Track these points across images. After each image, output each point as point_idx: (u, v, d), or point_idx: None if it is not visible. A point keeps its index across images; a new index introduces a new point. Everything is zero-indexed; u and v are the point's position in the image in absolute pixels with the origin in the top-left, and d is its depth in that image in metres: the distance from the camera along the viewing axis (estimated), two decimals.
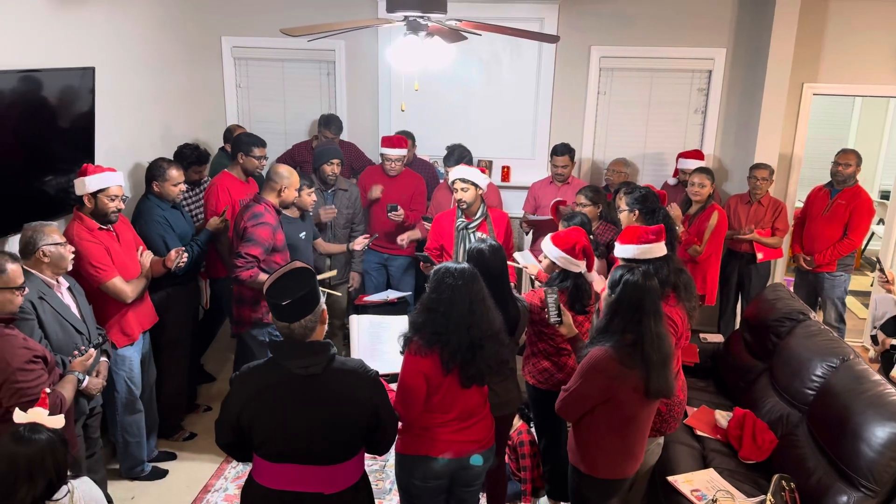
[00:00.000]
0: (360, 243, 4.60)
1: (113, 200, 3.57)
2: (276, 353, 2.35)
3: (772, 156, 5.54)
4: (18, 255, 2.84)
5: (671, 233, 3.44)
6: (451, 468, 2.77)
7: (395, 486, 2.96)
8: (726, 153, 5.90)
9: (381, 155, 5.10)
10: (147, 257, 3.77)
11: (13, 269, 2.71)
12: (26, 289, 2.80)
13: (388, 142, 5.05)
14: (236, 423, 2.31)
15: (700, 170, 5.00)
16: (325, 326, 2.42)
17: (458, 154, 4.95)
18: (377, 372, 2.45)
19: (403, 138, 5.14)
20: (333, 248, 4.65)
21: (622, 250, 3.22)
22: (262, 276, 3.77)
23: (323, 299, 2.39)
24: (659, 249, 3.17)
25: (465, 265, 2.71)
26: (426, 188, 5.35)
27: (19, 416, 2.30)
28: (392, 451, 2.70)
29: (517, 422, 3.80)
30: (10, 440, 2.20)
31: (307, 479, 2.33)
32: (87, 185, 3.51)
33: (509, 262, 3.46)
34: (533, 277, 3.86)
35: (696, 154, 5.54)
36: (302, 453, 2.32)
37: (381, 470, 4.10)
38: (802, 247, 5.47)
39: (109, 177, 3.57)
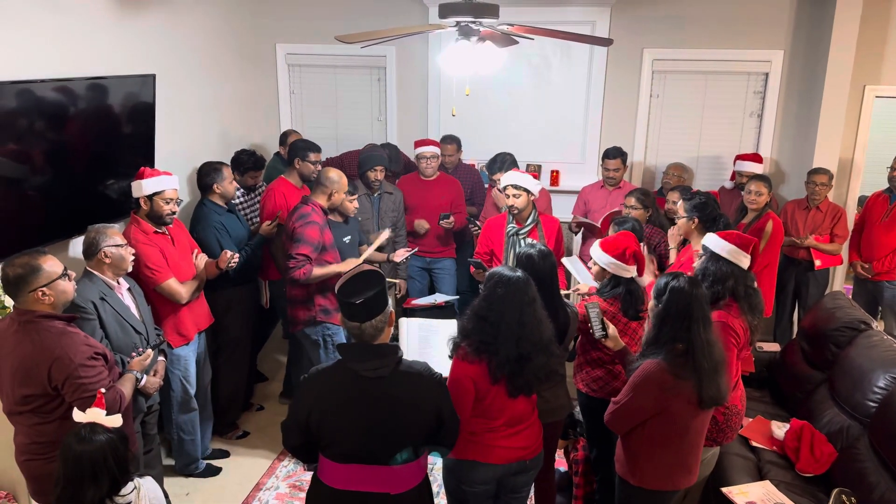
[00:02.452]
0: (400, 255, 4.63)
1: (168, 203, 3.65)
2: (344, 355, 2.38)
3: (831, 160, 5.38)
4: (45, 250, 2.84)
5: None
6: (500, 474, 2.76)
7: (443, 490, 2.96)
8: (783, 157, 5.76)
9: (416, 157, 5.17)
10: (202, 260, 3.86)
11: (46, 262, 2.69)
12: (72, 273, 2.82)
13: (421, 141, 5.17)
14: (305, 424, 2.34)
15: (757, 177, 4.86)
16: (392, 329, 2.44)
17: (499, 160, 4.94)
18: (441, 375, 2.47)
19: (436, 143, 5.23)
20: (377, 256, 4.70)
21: (713, 240, 3.17)
22: (317, 270, 3.85)
23: (391, 302, 2.42)
24: (742, 259, 3.12)
25: (519, 273, 2.69)
26: (469, 192, 5.40)
27: (78, 416, 2.39)
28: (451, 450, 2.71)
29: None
30: (74, 441, 2.27)
31: (373, 479, 2.36)
32: (143, 187, 3.61)
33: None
34: (582, 294, 3.80)
35: (755, 157, 5.41)
36: (368, 454, 2.35)
37: (429, 473, 4.10)
38: (860, 254, 5.30)
39: (165, 180, 3.66)
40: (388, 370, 2.33)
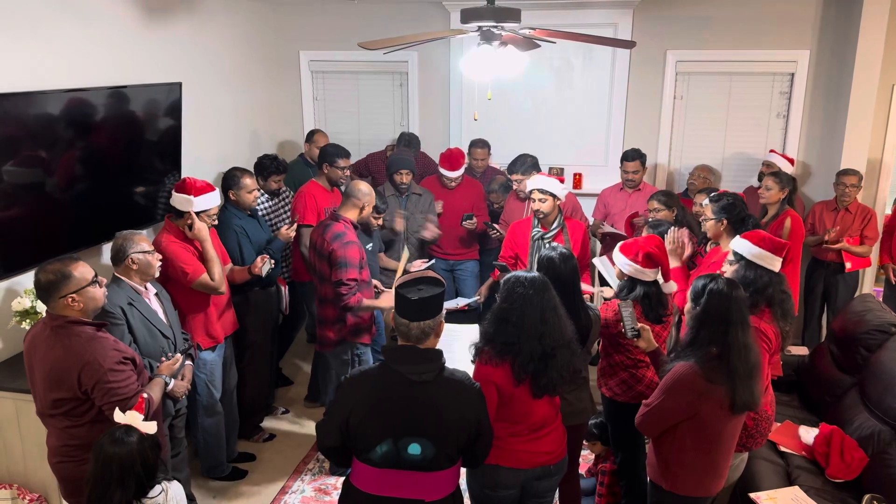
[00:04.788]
0: (416, 266, 4.64)
1: (211, 218, 3.72)
2: (389, 357, 2.37)
3: (859, 161, 5.31)
4: (77, 256, 2.89)
5: None
6: (523, 478, 2.75)
7: (467, 494, 2.96)
8: (811, 158, 5.68)
9: (440, 175, 5.18)
10: (201, 225, 3.76)
11: (77, 269, 2.73)
12: (103, 279, 2.86)
13: (447, 163, 5.11)
14: (345, 425, 2.32)
15: (773, 173, 4.80)
16: (438, 340, 2.43)
17: (519, 162, 4.91)
18: (479, 385, 2.46)
19: (461, 158, 5.17)
20: (393, 264, 4.71)
21: (741, 244, 3.15)
22: (367, 301, 3.83)
23: (443, 313, 2.43)
24: (775, 263, 3.09)
25: (536, 274, 2.69)
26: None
27: (119, 416, 2.42)
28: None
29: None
30: (108, 441, 2.31)
31: (409, 485, 2.34)
32: (195, 204, 3.61)
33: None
34: (607, 298, 3.78)
35: (787, 157, 5.37)
36: (405, 459, 2.33)
37: None
38: (892, 257, 5.21)
39: (214, 197, 3.70)
40: (433, 375, 2.32)
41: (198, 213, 3.64)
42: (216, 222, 3.77)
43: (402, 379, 2.31)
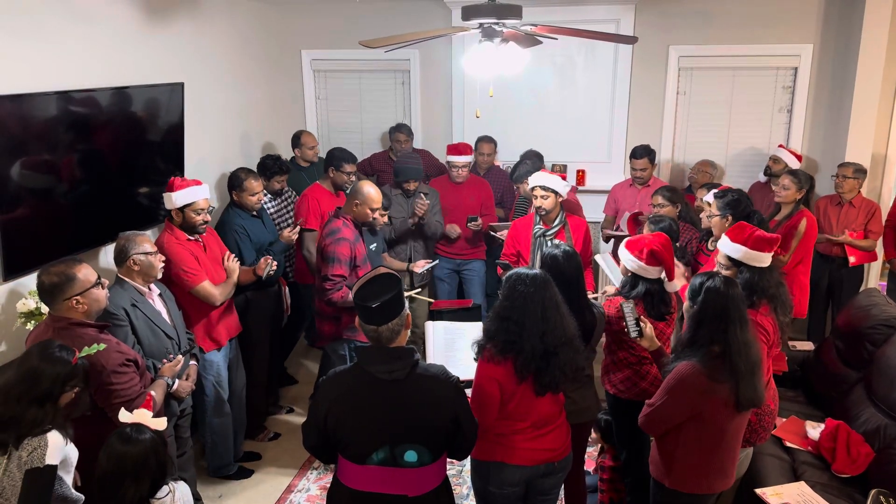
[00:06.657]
0: (420, 266, 4.61)
1: (199, 214, 3.66)
2: (361, 357, 2.39)
3: (864, 155, 5.29)
4: (80, 258, 2.92)
5: None
6: (527, 476, 2.75)
7: (472, 492, 2.96)
8: (815, 153, 5.66)
9: (448, 163, 5.16)
10: (235, 262, 3.87)
11: (80, 271, 2.77)
12: (106, 281, 2.89)
13: (454, 149, 5.11)
14: (323, 426, 2.36)
15: (791, 171, 4.78)
16: (409, 331, 2.45)
17: (518, 170, 4.88)
18: (458, 378, 2.45)
19: (468, 145, 5.17)
20: (395, 264, 4.70)
21: (730, 247, 3.11)
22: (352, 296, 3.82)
23: (407, 304, 2.43)
24: (767, 259, 3.06)
25: (537, 271, 2.69)
26: (500, 195, 5.37)
27: (125, 416, 2.42)
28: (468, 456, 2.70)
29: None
30: (118, 440, 2.31)
31: (390, 481, 2.35)
32: (174, 200, 3.61)
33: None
34: (610, 296, 3.77)
35: (796, 153, 5.36)
36: (385, 456, 2.35)
37: (458, 475, 4.11)
38: None
39: (196, 191, 3.66)
40: (403, 373, 2.33)
41: (183, 209, 3.63)
42: (208, 218, 3.75)
43: (374, 379, 2.32)
